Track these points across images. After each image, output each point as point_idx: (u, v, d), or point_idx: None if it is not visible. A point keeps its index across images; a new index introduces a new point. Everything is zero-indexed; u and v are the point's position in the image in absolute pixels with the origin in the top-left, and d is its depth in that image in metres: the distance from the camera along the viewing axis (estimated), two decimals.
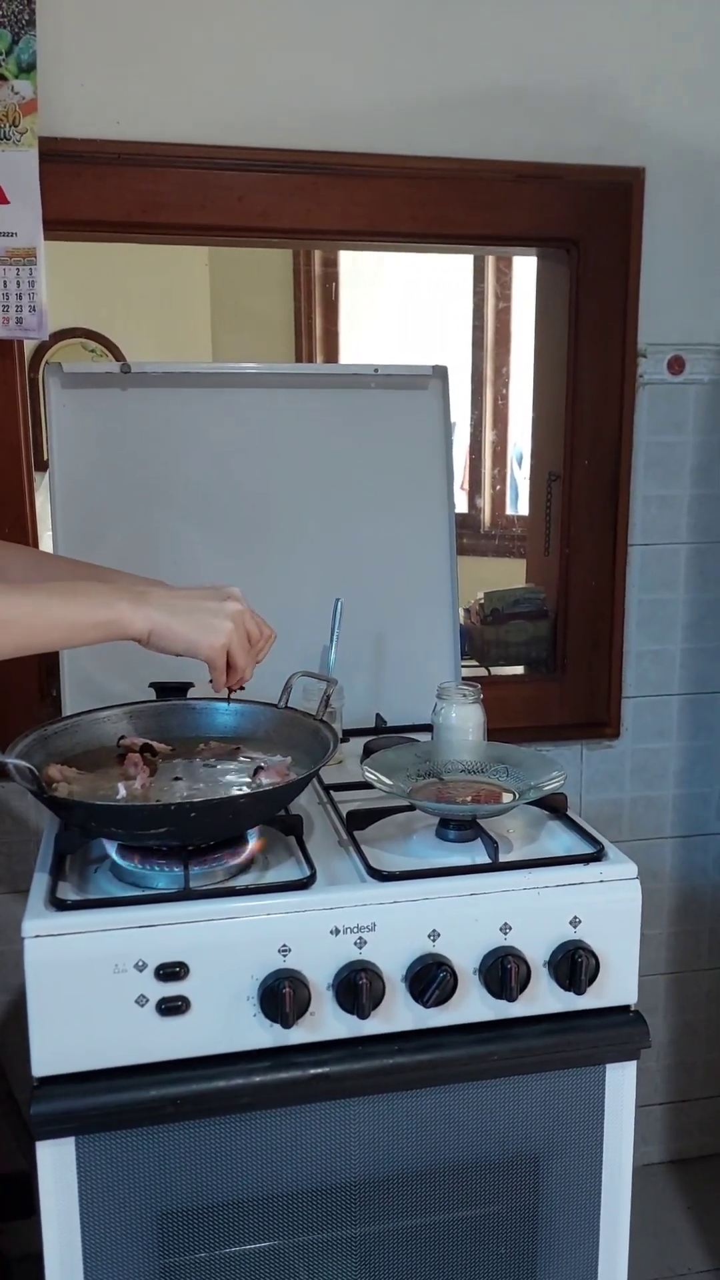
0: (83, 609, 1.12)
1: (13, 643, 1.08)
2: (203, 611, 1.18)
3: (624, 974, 1.21)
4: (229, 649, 1.19)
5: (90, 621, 1.12)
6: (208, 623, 1.17)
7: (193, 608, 1.17)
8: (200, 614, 1.17)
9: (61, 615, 1.11)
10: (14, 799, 1.73)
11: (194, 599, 1.19)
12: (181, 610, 1.16)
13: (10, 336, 1.56)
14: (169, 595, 1.18)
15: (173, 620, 1.15)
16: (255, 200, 1.63)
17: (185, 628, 1.16)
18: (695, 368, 1.84)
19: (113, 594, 1.15)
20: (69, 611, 1.11)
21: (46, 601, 1.11)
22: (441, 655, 1.71)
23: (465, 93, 1.68)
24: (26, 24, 1.48)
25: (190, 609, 1.17)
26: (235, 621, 1.19)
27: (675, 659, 1.95)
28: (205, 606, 1.18)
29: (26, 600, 1.10)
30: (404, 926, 1.15)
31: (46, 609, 1.10)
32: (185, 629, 1.16)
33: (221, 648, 1.18)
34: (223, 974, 1.11)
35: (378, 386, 1.68)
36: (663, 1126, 2.13)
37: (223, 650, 1.18)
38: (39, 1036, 1.08)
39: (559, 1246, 1.26)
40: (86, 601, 1.13)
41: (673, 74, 1.74)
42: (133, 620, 1.13)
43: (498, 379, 3.51)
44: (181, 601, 1.17)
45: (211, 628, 1.17)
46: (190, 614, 1.17)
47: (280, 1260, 1.20)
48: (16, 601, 1.09)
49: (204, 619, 1.17)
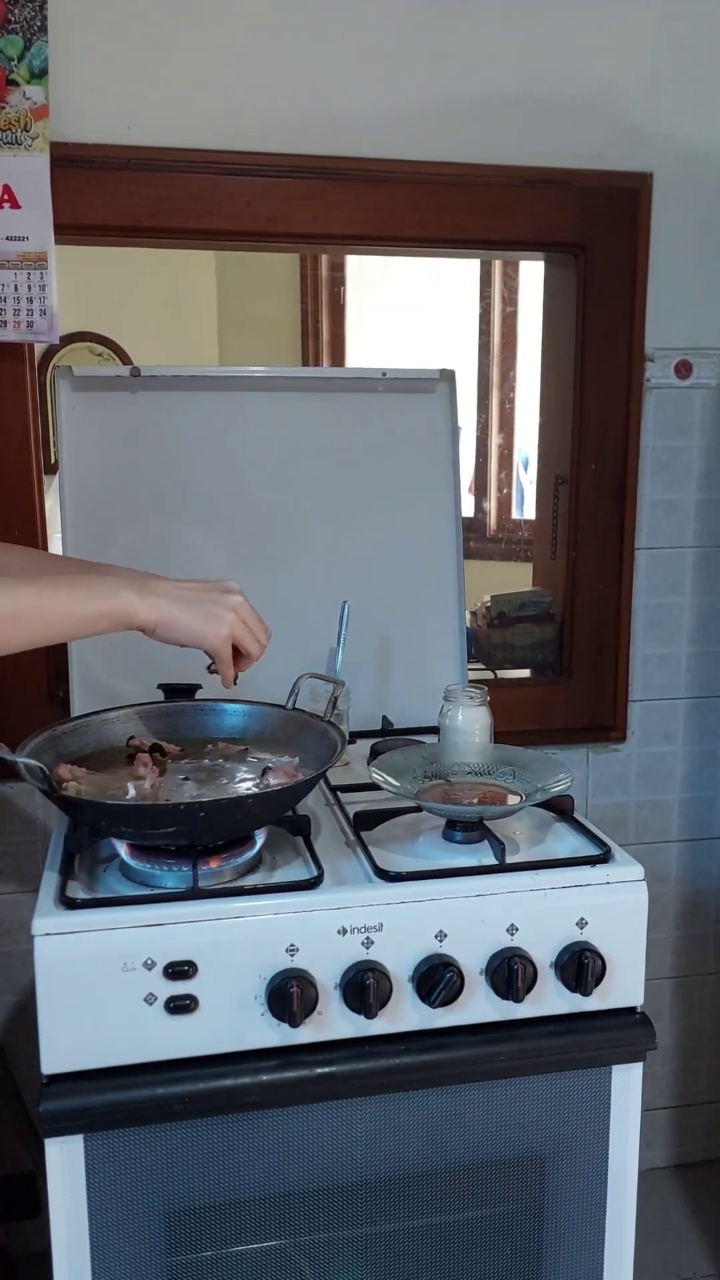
0: (91, 599, 1.13)
1: (25, 636, 1.09)
2: (207, 602, 1.19)
3: (630, 975, 1.22)
4: (235, 638, 1.20)
5: (98, 612, 1.13)
6: (212, 612, 1.19)
7: (198, 599, 1.19)
8: (205, 604, 1.19)
9: (70, 607, 1.12)
10: (21, 799, 1.74)
11: (198, 591, 1.20)
12: (187, 601, 1.18)
13: (21, 340, 1.57)
14: (174, 587, 1.19)
15: (179, 610, 1.16)
16: (263, 205, 1.64)
17: (191, 618, 1.17)
18: (702, 372, 1.85)
19: (119, 584, 1.16)
20: (77, 603, 1.12)
21: (54, 594, 1.12)
22: (448, 658, 1.71)
23: (472, 98, 1.68)
24: (39, 30, 1.49)
25: (195, 600, 1.18)
26: (238, 612, 1.21)
27: (681, 663, 1.95)
28: (209, 597, 1.20)
29: (35, 593, 1.11)
30: (411, 927, 1.16)
31: (55, 601, 1.11)
32: (191, 619, 1.17)
33: (226, 638, 1.20)
34: (231, 973, 1.11)
35: (385, 390, 1.68)
36: (667, 1130, 2.13)
37: (228, 640, 1.20)
38: (48, 1034, 1.09)
39: (564, 1248, 1.26)
40: (93, 592, 1.14)
41: (679, 79, 1.75)
42: (139, 610, 1.14)
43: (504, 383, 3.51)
44: (187, 593, 1.19)
45: (216, 617, 1.19)
46: (196, 604, 1.18)
47: (286, 1259, 1.21)
48: (26, 594, 1.10)
49: (209, 609, 1.19)
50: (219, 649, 1.20)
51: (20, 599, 1.09)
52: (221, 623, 1.19)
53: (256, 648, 1.23)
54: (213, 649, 1.20)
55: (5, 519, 1.62)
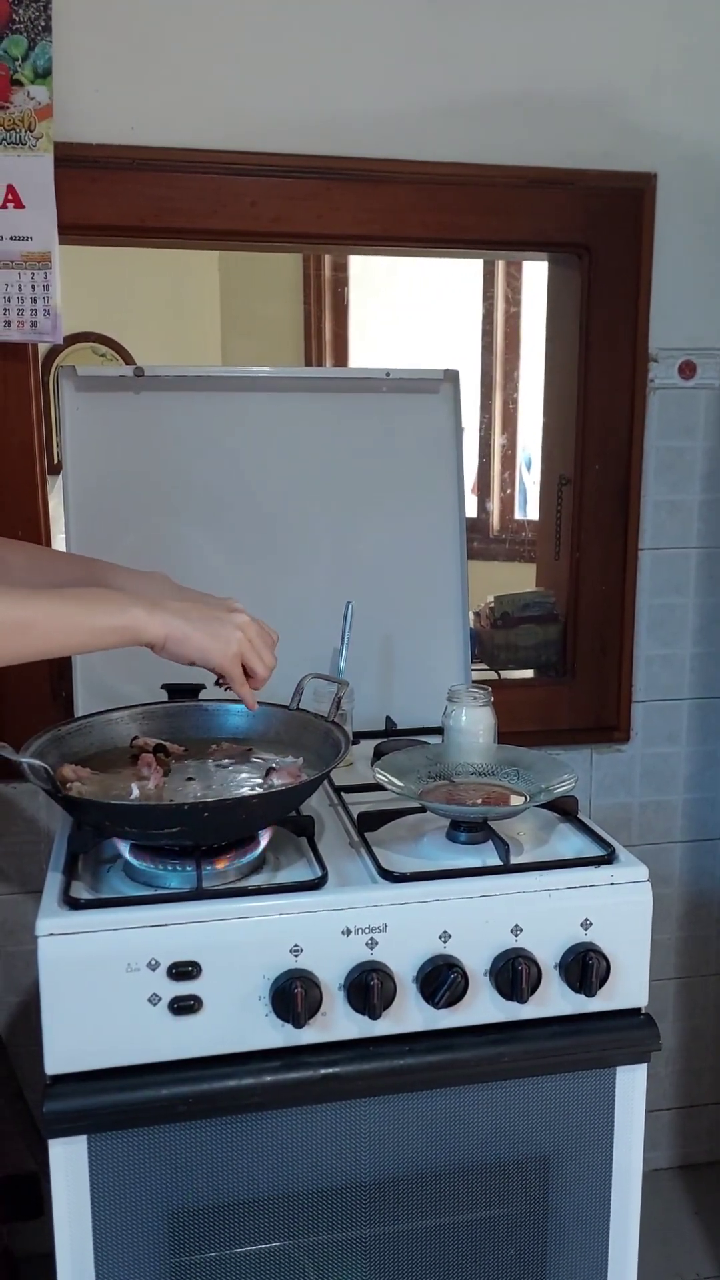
0: (100, 615, 1.13)
1: (33, 647, 1.10)
2: (215, 621, 1.20)
3: (635, 976, 1.21)
4: (243, 657, 1.20)
5: (107, 627, 1.13)
6: (220, 632, 1.19)
7: (205, 617, 1.19)
8: (213, 623, 1.19)
9: (80, 621, 1.12)
10: (24, 800, 1.74)
11: (204, 609, 1.21)
12: (195, 619, 1.18)
13: (25, 340, 1.57)
14: (180, 605, 1.19)
15: (188, 628, 1.16)
16: (267, 205, 1.64)
17: (200, 635, 1.17)
18: (706, 372, 1.85)
19: (128, 600, 1.16)
20: (87, 617, 1.12)
21: (63, 607, 1.12)
22: (452, 658, 1.71)
23: (476, 99, 1.68)
24: (43, 30, 1.49)
25: (203, 618, 1.19)
26: (245, 631, 1.21)
27: (685, 663, 1.95)
28: (216, 616, 1.20)
29: (45, 605, 1.11)
30: (415, 928, 1.15)
31: (64, 614, 1.11)
32: (200, 637, 1.17)
33: (235, 656, 1.20)
34: (235, 973, 1.11)
35: (389, 390, 1.68)
36: (671, 1132, 2.13)
37: (236, 659, 1.20)
38: (52, 1035, 1.09)
39: (568, 1249, 1.26)
40: (103, 607, 1.14)
41: (684, 79, 1.75)
42: (148, 626, 1.14)
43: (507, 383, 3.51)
44: (194, 610, 1.19)
45: (224, 637, 1.19)
46: (204, 623, 1.18)
47: (290, 1261, 1.21)
48: (35, 606, 1.10)
49: (216, 628, 1.19)
50: (228, 668, 1.20)
51: (29, 610, 1.09)
52: (229, 642, 1.19)
53: (263, 669, 1.23)
54: (221, 668, 1.20)
55: (9, 519, 1.62)
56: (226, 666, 1.20)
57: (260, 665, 1.23)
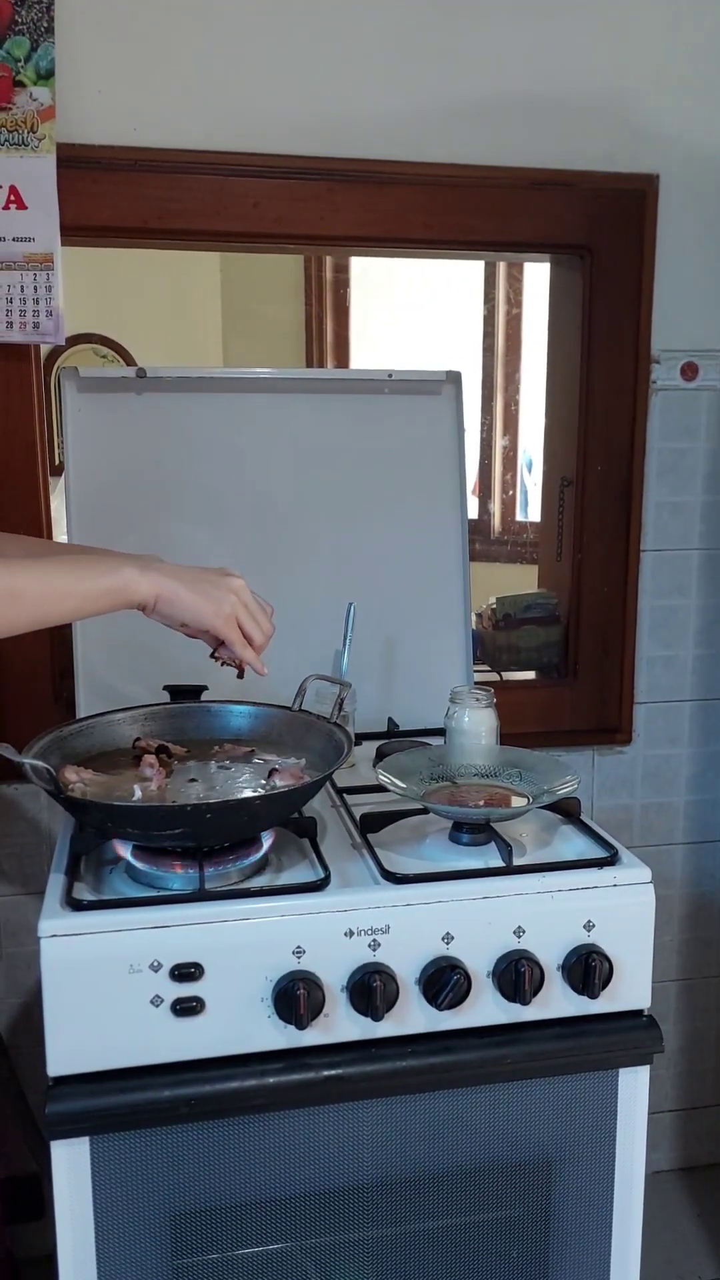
0: (91, 576, 1.12)
1: (27, 615, 1.09)
2: (208, 583, 1.18)
3: (637, 978, 1.21)
4: (238, 619, 1.19)
5: (100, 588, 1.12)
6: (213, 593, 1.18)
7: (198, 578, 1.18)
8: (206, 584, 1.18)
9: (71, 584, 1.11)
10: (26, 801, 1.74)
11: (197, 571, 1.19)
12: (188, 579, 1.17)
13: (27, 341, 1.57)
14: (173, 566, 1.18)
15: (180, 587, 1.15)
16: (270, 207, 1.64)
17: (192, 595, 1.16)
18: (708, 374, 1.85)
19: (119, 560, 1.15)
20: (78, 580, 1.12)
21: (54, 572, 1.12)
22: (454, 660, 1.71)
23: (479, 100, 1.68)
24: (45, 31, 1.49)
25: (196, 579, 1.17)
26: (239, 595, 1.20)
27: (687, 664, 1.95)
28: (210, 579, 1.19)
29: (35, 572, 1.10)
30: (418, 929, 1.15)
31: (55, 578, 1.11)
32: (192, 596, 1.16)
33: (229, 617, 1.18)
34: (237, 975, 1.11)
35: (391, 392, 1.68)
36: (673, 1134, 2.13)
37: (230, 620, 1.19)
38: (54, 1036, 1.09)
39: (571, 1251, 1.26)
40: (94, 569, 1.13)
41: (687, 81, 1.75)
42: (140, 584, 1.13)
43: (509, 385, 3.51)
44: (187, 572, 1.18)
45: (216, 598, 1.18)
46: (196, 583, 1.17)
47: (292, 1263, 1.21)
48: (26, 574, 1.09)
49: (209, 589, 1.18)
50: (222, 629, 1.18)
51: (20, 577, 1.08)
52: (222, 603, 1.18)
53: (259, 633, 1.22)
54: (214, 629, 1.18)
55: (11, 520, 1.62)
56: (220, 627, 1.18)
57: (256, 630, 1.21)
